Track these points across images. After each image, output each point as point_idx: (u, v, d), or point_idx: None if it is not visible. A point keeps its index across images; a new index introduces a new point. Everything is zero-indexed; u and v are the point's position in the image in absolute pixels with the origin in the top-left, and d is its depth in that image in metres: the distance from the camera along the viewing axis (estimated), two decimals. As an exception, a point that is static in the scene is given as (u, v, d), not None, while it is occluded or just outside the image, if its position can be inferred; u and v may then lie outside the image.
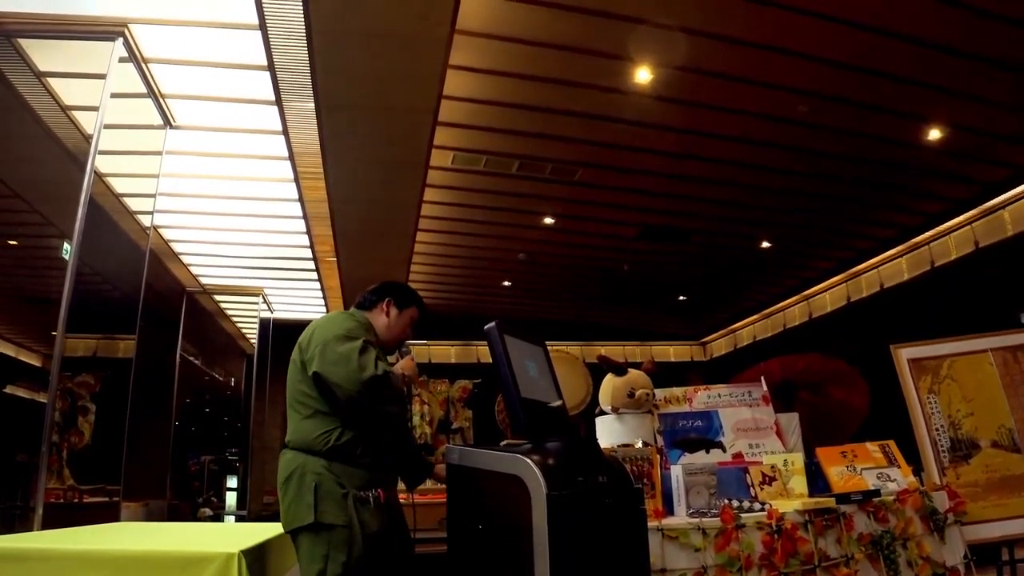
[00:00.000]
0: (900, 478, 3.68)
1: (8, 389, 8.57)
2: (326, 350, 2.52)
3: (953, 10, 5.37)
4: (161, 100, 6.04)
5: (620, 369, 3.98)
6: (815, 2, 5.34)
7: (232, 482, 13.66)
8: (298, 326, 10.30)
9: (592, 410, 4.33)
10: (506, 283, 11.95)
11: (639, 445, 3.52)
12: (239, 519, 11.93)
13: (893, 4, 5.36)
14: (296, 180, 7.29)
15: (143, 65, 5.54)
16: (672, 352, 15.23)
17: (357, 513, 2.47)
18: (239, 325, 12.29)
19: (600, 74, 6.23)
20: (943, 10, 5.37)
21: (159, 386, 9.36)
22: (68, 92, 5.58)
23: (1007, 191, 7.95)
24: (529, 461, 2.06)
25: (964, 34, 5.64)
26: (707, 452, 3.82)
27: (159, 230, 8.31)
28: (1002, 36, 5.64)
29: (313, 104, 5.91)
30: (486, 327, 2.33)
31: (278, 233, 8.93)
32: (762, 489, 3.43)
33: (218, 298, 11.11)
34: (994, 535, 3.90)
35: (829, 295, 11.28)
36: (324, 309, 12.12)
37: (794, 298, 12.08)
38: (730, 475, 3.45)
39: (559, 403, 2.52)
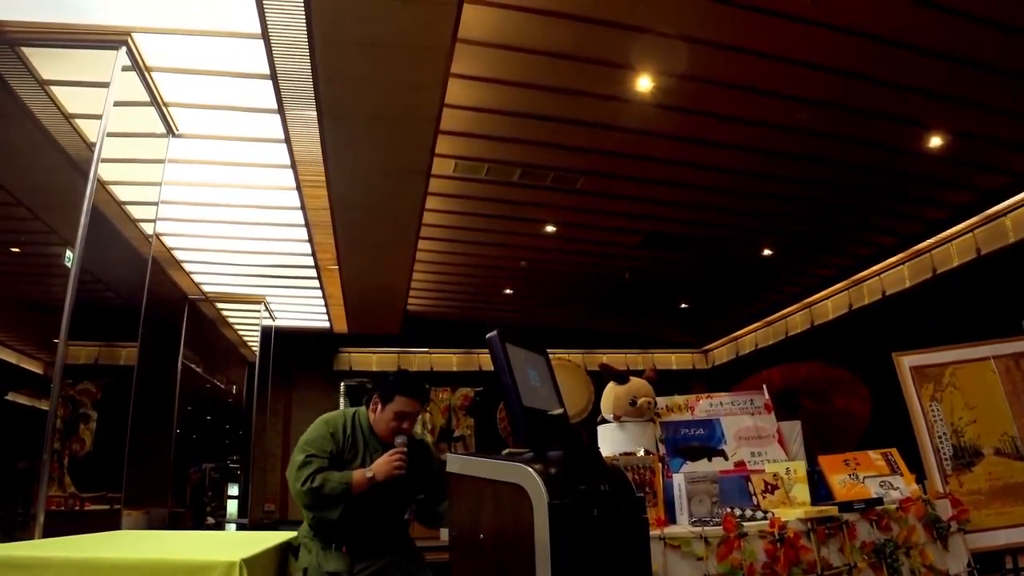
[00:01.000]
0: (903, 486, 3.67)
1: (10, 396, 8.57)
2: (292, 455, 3.07)
3: (954, 18, 5.39)
4: (164, 108, 6.05)
5: (622, 377, 3.98)
6: (815, 10, 5.34)
7: (233, 490, 13.65)
8: (300, 334, 10.28)
9: (594, 418, 4.32)
10: (508, 291, 11.95)
11: (641, 453, 3.52)
12: (240, 527, 11.90)
13: (894, 12, 5.37)
14: (298, 188, 7.30)
15: (146, 74, 5.56)
16: (674, 360, 15.21)
17: (318, 557, 2.98)
18: (241, 333, 12.29)
19: (601, 82, 6.25)
20: (944, 18, 5.39)
21: (160, 394, 9.36)
22: (71, 100, 5.59)
23: (1009, 198, 7.95)
24: (531, 470, 2.05)
25: (965, 41, 5.65)
26: (709, 460, 3.82)
27: (161, 238, 8.32)
28: (1002, 43, 5.65)
29: (315, 112, 5.92)
30: (488, 335, 2.32)
31: (280, 241, 8.94)
32: (764, 497, 3.42)
33: (220, 306, 11.11)
34: (998, 543, 3.89)
35: (831, 302, 11.27)
36: (326, 317, 12.13)
37: (796, 305, 12.07)
38: (732, 483, 3.44)
39: (560, 411, 2.52)
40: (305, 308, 11.84)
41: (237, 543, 3.07)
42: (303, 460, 2.97)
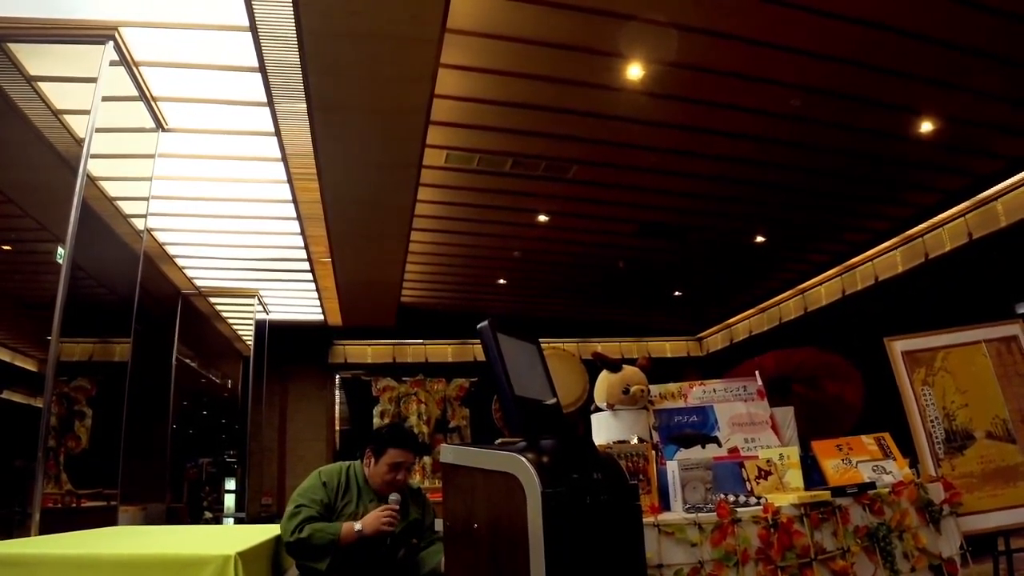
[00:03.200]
0: (895, 470, 3.68)
1: (5, 394, 8.56)
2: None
3: (944, 2, 5.39)
4: (153, 103, 6.02)
5: (615, 366, 3.98)
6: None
7: (231, 484, 13.69)
8: (294, 327, 10.27)
9: (589, 407, 4.32)
10: (502, 281, 11.95)
11: (635, 441, 3.52)
12: (238, 521, 11.93)
13: (884, -3, 5.38)
14: (289, 181, 7.28)
15: (134, 68, 5.53)
16: (668, 348, 15.25)
17: None
18: (235, 327, 12.29)
19: (592, 71, 6.23)
20: (934, 3, 5.39)
21: (156, 389, 9.35)
22: (59, 96, 5.56)
23: (1000, 182, 7.98)
24: (524, 459, 2.06)
25: (955, 26, 5.65)
26: (703, 447, 3.82)
27: (153, 233, 8.29)
28: (993, 28, 5.65)
29: (305, 105, 5.90)
30: (479, 326, 2.32)
31: (272, 234, 8.92)
32: (758, 483, 3.43)
33: (213, 300, 11.09)
34: (990, 525, 3.90)
35: (824, 288, 11.31)
36: (320, 310, 12.12)
37: (789, 292, 12.11)
38: (726, 470, 3.45)
39: (553, 401, 2.52)
40: (299, 301, 11.84)
41: (233, 537, 3.07)
42: (292, 510, 3.02)
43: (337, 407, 13.97)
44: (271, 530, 3.15)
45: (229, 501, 13.58)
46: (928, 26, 5.65)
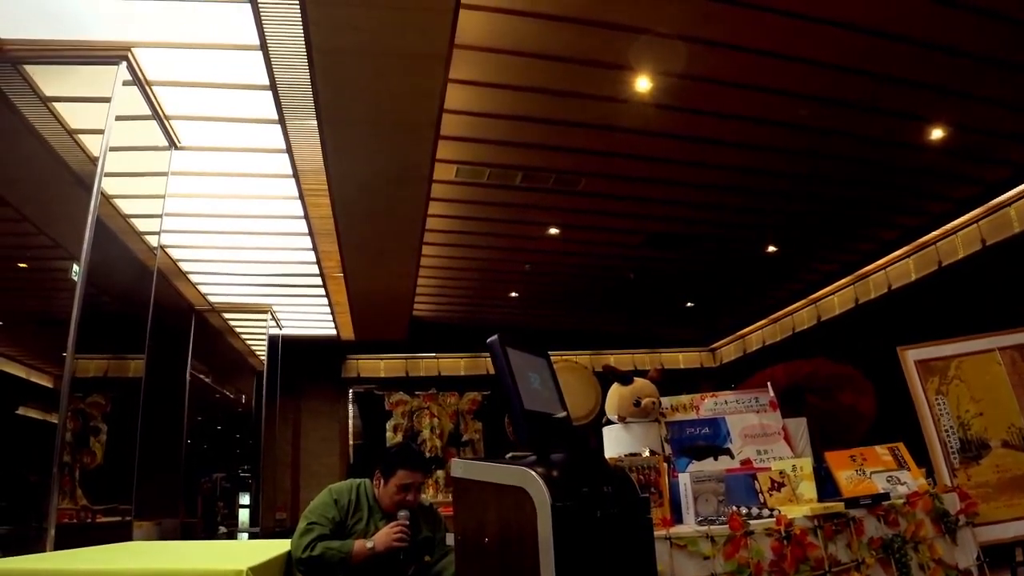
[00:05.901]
0: (910, 481, 3.66)
1: (20, 410, 8.64)
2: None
3: (953, 10, 5.38)
4: (165, 122, 6.09)
5: (626, 378, 3.98)
6: (813, 6, 5.35)
7: (245, 499, 13.72)
8: (307, 342, 10.30)
9: (601, 419, 4.32)
10: (513, 294, 11.96)
11: (646, 454, 3.51)
12: (252, 536, 11.95)
13: (892, 6, 5.37)
14: (301, 197, 7.33)
15: (147, 88, 5.59)
16: (681, 359, 15.19)
17: None
18: (248, 342, 12.35)
19: (600, 84, 6.26)
20: (943, 11, 5.38)
21: (170, 405, 9.40)
22: (74, 116, 5.64)
23: (1012, 188, 7.93)
24: (533, 473, 2.06)
25: (964, 34, 5.65)
26: (715, 459, 3.81)
27: (166, 250, 8.36)
28: (1003, 35, 5.64)
29: (315, 122, 5.95)
30: (488, 340, 2.33)
31: (284, 250, 8.97)
32: (771, 495, 3.41)
33: (226, 316, 11.16)
34: (1007, 536, 3.88)
35: (837, 297, 11.24)
36: (332, 325, 12.16)
37: (802, 301, 12.05)
38: (738, 482, 3.44)
39: (564, 414, 2.53)
40: (311, 316, 11.88)
41: (245, 552, 3.08)
42: (304, 528, 3.05)
43: (350, 421, 13.98)
44: (284, 545, 3.16)
45: (243, 516, 13.61)
46: (937, 34, 5.65)
